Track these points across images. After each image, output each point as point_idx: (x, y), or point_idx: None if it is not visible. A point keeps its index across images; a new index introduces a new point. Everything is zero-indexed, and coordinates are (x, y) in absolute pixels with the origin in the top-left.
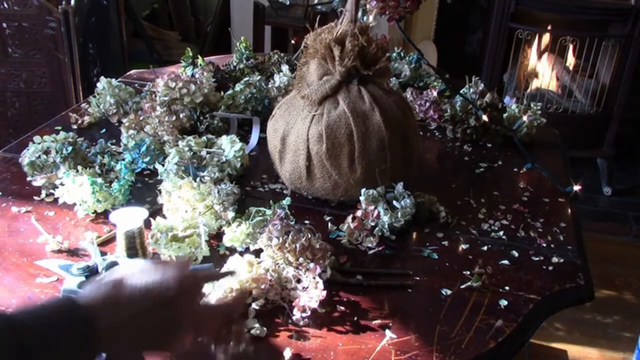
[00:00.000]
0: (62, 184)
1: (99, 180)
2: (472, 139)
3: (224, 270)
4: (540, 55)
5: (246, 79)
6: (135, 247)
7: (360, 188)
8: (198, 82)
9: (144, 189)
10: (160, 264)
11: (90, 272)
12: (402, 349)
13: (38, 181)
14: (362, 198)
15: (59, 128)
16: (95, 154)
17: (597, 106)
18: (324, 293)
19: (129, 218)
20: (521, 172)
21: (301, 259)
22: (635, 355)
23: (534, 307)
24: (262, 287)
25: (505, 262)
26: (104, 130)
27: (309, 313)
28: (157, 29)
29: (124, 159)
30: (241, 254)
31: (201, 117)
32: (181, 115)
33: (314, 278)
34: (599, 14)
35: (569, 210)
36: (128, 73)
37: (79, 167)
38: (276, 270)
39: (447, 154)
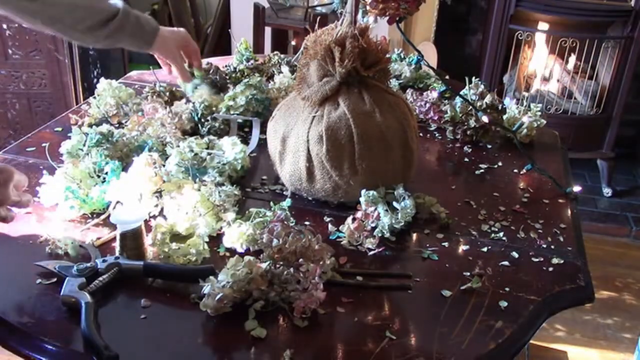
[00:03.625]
0: (43, 183)
1: (75, 186)
2: (472, 140)
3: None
4: (540, 56)
5: (246, 80)
6: (135, 247)
7: (360, 189)
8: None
9: None
10: None
11: (91, 273)
12: (402, 351)
13: None
14: (362, 199)
15: (60, 129)
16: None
17: (597, 107)
18: (324, 294)
19: (129, 218)
20: (521, 173)
21: (301, 260)
22: (636, 357)
23: (534, 308)
24: (262, 288)
25: (505, 263)
26: None
27: (308, 314)
28: None
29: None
30: (241, 255)
31: (202, 120)
32: (183, 117)
33: (313, 279)
34: (598, 16)
35: (569, 212)
36: (128, 74)
37: (69, 165)
38: (276, 271)
39: (447, 155)
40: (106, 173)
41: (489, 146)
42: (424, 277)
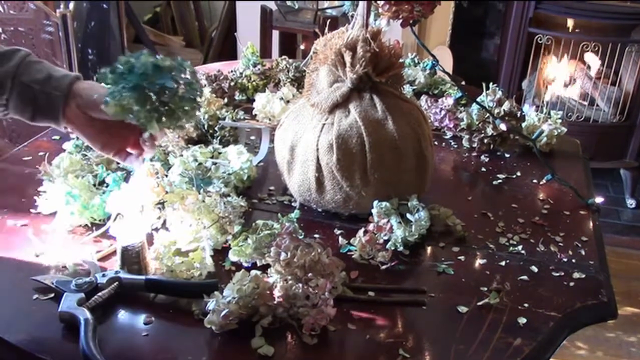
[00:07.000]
0: (43, 192)
1: (76, 191)
2: (489, 149)
3: None
4: (560, 61)
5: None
6: (137, 261)
7: (372, 200)
8: None
9: None
10: None
11: (90, 288)
12: None
13: None
14: (374, 211)
15: (57, 138)
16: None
17: (621, 115)
18: (334, 310)
19: (130, 231)
20: (541, 183)
21: (310, 275)
22: None
23: (554, 325)
24: (270, 304)
25: (524, 277)
26: None
27: (318, 331)
28: (159, 34)
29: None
30: (248, 269)
31: (209, 129)
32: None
33: (323, 295)
34: (621, 18)
35: (591, 224)
36: None
37: (69, 176)
38: (284, 286)
39: (463, 165)
40: (107, 185)
41: (507, 155)
42: (439, 293)
